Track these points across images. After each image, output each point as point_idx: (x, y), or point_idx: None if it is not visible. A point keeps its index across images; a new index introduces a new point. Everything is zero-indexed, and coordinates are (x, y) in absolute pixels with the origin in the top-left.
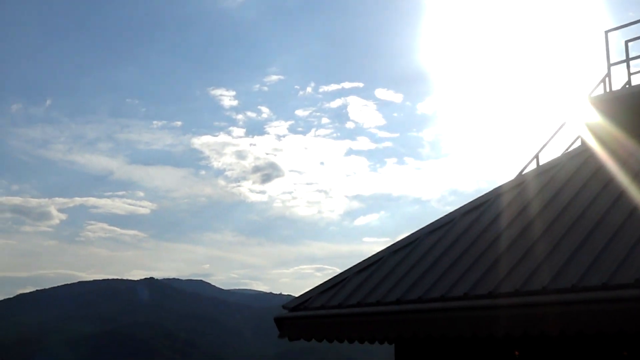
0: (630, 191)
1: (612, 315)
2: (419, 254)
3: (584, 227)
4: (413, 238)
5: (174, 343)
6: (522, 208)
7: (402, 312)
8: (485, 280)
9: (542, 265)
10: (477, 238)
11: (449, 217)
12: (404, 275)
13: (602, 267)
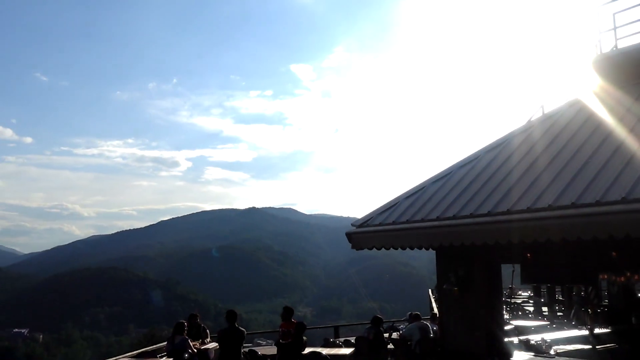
0: (617, 131)
1: (604, 224)
2: (452, 183)
3: (580, 159)
4: (447, 171)
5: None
6: (530, 146)
7: (440, 227)
8: (503, 201)
9: (547, 188)
10: (497, 170)
11: (475, 154)
12: (441, 199)
13: (595, 188)
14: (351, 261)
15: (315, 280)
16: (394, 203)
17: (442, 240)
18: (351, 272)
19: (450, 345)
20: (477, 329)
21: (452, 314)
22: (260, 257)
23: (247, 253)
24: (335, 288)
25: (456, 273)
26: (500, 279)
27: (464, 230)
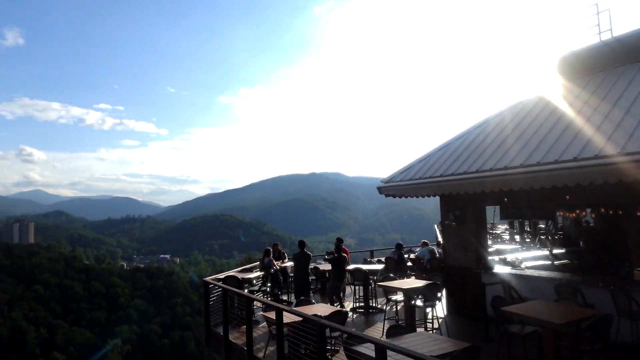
0: (568, 112)
1: (560, 177)
2: (451, 150)
3: (541, 132)
4: (447, 142)
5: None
6: (507, 124)
7: (442, 182)
8: (487, 162)
9: (519, 153)
10: (482, 140)
11: (466, 130)
12: (443, 162)
13: (554, 152)
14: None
15: (356, 221)
16: (409, 166)
17: (444, 191)
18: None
19: (451, 262)
20: (469, 251)
21: (451, 241)
22: (318, 205)
23: (309, 203)
24: (370, 226)
25: (454, 213)
26: (485, 217)
27: (459, 183)
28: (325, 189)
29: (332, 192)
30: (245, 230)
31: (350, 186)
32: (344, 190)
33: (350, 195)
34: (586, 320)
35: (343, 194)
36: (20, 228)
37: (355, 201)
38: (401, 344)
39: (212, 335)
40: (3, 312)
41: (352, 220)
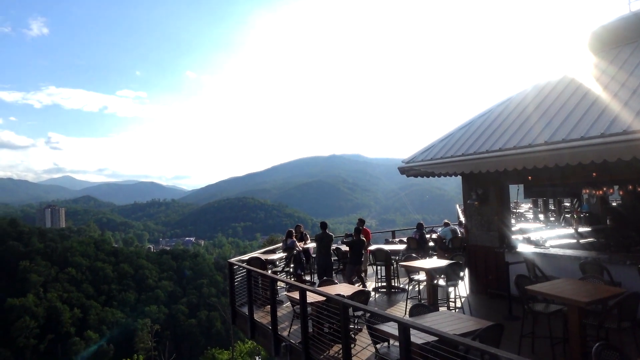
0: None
1: (586, 153)
2: (473, 129)
3: (567, 108)
4: (469, 121)
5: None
6: (530, 101)
7: (465, 160)
8: (511, 140)
9: (544, 130)
10: (505, 118)
11: (489, 109)
12: (464, 141)
13: (580, 128)
14: (401, 188)
15: (377, 201)
16: (431, 145)
17: (466, 170)
18: (401, 195)
19: (473, 241)
20: (492, 230)
21: (474, 220)
22: (339, 186)
23: (330, 184)
24: (391, 206)
25: (476, 192)
26: (508, 195)
27: (482, 162)
28: (345, 170)
29: (352, 173)
30: (267, 212)
31: (370, 167)
32: (364, 171)
33: (371, 176)
34: (613, 298)
35: (363, 175)
36: (52, 213)
37: (376, 182)
38: (424, 323)
39: (238, 314)
40: (39, 294)
41: (373, 201)
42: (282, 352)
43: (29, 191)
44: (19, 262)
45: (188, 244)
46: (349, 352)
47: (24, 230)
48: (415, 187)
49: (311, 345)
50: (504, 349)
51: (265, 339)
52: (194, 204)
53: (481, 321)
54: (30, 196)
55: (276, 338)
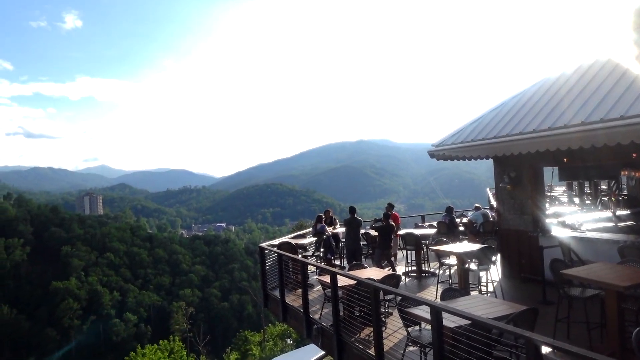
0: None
1: (626, 133)
2: (505, 110)
3: (605, 88)
4: (501, 103)
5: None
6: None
7: (497, 143)
8: (545, 121)
9: (580, 110)
10: (539, 99)
11: (522, 90)
12: (497, 123)
13: (619, 107)
14: (430, 172)
15: (405, 186)
16: (462, 128)
17: (498, 152)
18: (430, 180)
19: (505, 225)
20: (525, 214)
21: (506, 204)
22: (367, 172)
23: (357, 169)
24: (419, 191)
25: (509, 175)
26: (542, 178)
27: (515, 144)
28: (373, 155)
29: (380, 158)
30: (295, 198)
31: (398, 152)
32: (392, 156)
33: (399, 161)
34: None
35: (391, 160)
36: (90, 200)
37: (404, 167)
38: (456, 307)
39: (269, 298)
40: (81, 277)
41: (401, 186)
42: (313, 335)
43: (68, 179)
44: (62, 247)
45: (219, 230)
46: (380, 335)
47: (65, 217)
48: (445, 172)
49: (342, 328)
50: (539, 334)
51: (297, 321)
52: (223, 190)
53: (515, 305)
54: (70, 184)
55: (308, 321)
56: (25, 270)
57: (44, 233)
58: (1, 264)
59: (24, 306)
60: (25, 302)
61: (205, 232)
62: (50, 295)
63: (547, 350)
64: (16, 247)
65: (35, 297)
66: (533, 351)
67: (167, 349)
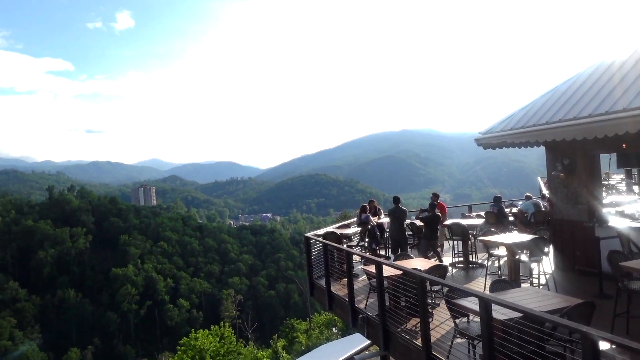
0: None
1: None
2: (557, 95)
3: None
4: (553, 88)
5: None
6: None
7: (549, 129)
8: (601, 105)
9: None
10: (595, 82)
11: (576, 74)
12: (548, 108)
13: None
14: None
15: (451, 175)
16: (511, 115)
17: (550, 138)
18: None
19: (558, 215)
20: (580, 203)
21: (559, 193)
22: (411, 161)
23: (402, 159)
24: (465, 180)
25: (562, 162)
26: (598, 165)
27: (568, 129)
28: (417, 144)
29: (424, 147)
30: (339, 189)
31: (443, 141)
32: (438, 145)
33: (444, 150)
34: None
35: (436, 149)
36: (144, 192)
37: (450, 156)
38: (506, 299)
39: (315, 287)
40: (137, 265)
41: (447, 176)
42: (359, 324)
43: (124, 172)
44: (120, 236)
45: (265, 220)
46: (427, 326)
47: (122, 207)
48: (492, 160)
49: (388, 318)
50: (595, 329)
51: (342, 310)
52: (269, 181)
53: (569, 298)
54: (126, 177)
55: (353, 310)
56: (88, 257)
57: (103, 222)
58: (67, 251)
59: (88, 290)
60: (89, 286)
61: (252, 222)
62: (111, 281)
63: (605, 346)
64: (80, 235)
65: (97, 283)
66: (590, 346)
67: (218, 335)
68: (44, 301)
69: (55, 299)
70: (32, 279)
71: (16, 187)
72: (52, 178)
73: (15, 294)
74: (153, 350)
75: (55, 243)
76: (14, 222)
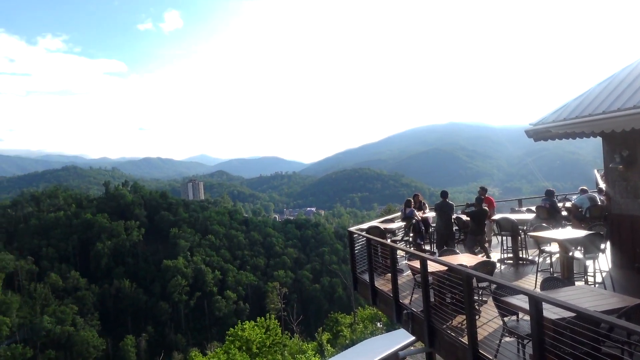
0: None
1: None
2: (615, 83)
3: None
4: (610, 76)
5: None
6: None
7: (607, 118)
8: None
9: None
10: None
11: (636, 60)
12: (605, 97)
13: None
14: (527, 153)
15: (500, 169)
16: (564, 105)
17: (607, 129)
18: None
19: (617, 210)
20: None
21: (617, 186)
22: (458, 154)
23: (448, 152)
24: (515, 173)
25: (621, 154)
26: None
27: (628, 119)
28: (464, 137)
29: (471, 140)
30: (383, 183)
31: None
32: (485, 137)
33: (493, 143)
34: None
35: (484, 142)
36: (193, 186)
37: (499, 148)
38: (558, 297)
39: (359, 281)
40: (187, 257)
41: (496, 169)
42: (403, 320)
43: (174, 168)
44: (170, 229)
45: (309, 214)
46: (473, 324)
47: (172, 201)
48: (544, 152)
49: (433, 314)
50: None
51: (386, 306)
52: (313, 175)
53: (628, 298)
54: (175, 172)
55: (397, 306)
56: (141, 249)
57: (155, 216)
58: (122, 243)
59: (141, 281)
60: (142, 277)
61: (297, 216)
62: (162, 272)
63: None
64: (133, 228)
65: (150, 274)
66: None
67: (264, 326)
68: (102, 290)
69: (112, 288)
70: (91, 269)
71: (76, 182)
72: (108, 174)
73: (77, 282)
74: (202, 340)
75: (112, 235)
76: (74, 215)
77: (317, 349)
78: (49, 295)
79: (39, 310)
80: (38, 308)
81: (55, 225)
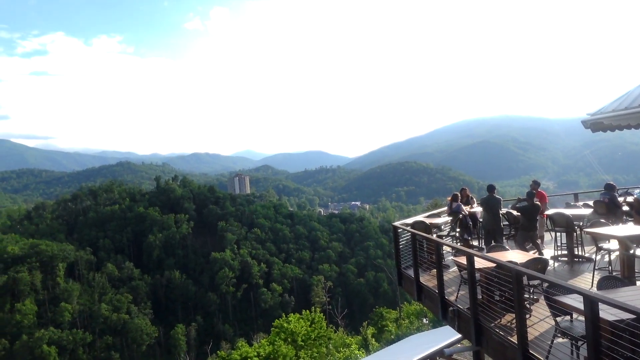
0: None
1: None
2: None
3: None
4: None
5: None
6: None
7: None
8: None
9: None
10: None
11: None
12: None
13: None
14: (585, 145)
15: (554, 161)
16: (627, 93)
17: None
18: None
19: None
20: None
21: None
22: (509, 146)
23: (498, 145)
24: (572, 166)
25: None
26: None
27: None
28: (515, 129)
29: (524, 131)
30: (430, 176)
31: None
32: (539, 128)
33: (547, 134)
34: None
35: (537, 133)
36: (239, 181)
37: (553, 140)
38: (617, 298)
39: (404, 276)
40: (234, 250)
41: (550, 161)
42: (449, 317)
43: (221, 162)
44: (218, 223)
45: (354, 208)
46: (524, 323)
47: (220, 195)
48: (603, 144)
49: (480, 312)
50: None
51: (431, 302)
52: (357, 169)
53: None
54: (222, 167)
55: (443, 302)
56: (190, 241)
57: (203, 210)
58: (172, 236)
59: (191, 272)
60: (192, 269)
61: (341, 210)
62: (210, 264)
63: None
64: (183, 221)
65: (198, 265)
66: None
67: (309, 319)
68: (154, 280)
69: (163, 279)
70: (143, 260)
71: (129, 177)
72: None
73: (131, 273)
74: (249, 330)
75: (163, 228)
76: (128, 208)
77: (362, 343)
78: (106, 285)
79: (97, 298)
80: (96, 296)
81: (111, 218)
